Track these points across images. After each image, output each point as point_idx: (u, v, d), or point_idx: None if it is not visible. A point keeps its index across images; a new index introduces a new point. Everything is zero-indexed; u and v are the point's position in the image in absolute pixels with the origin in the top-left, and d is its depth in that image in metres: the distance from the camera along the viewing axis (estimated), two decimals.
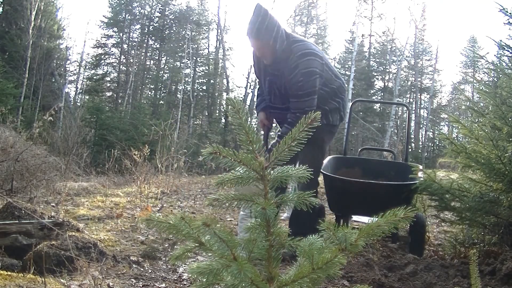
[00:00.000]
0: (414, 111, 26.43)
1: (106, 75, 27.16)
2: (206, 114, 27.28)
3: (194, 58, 26.78)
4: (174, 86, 27.42)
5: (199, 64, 28.02)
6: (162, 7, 28.56)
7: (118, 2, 26.76)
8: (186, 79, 26.30)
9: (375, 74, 28.19)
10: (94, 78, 26.48)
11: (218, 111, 27.09)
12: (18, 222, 2.61)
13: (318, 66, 2.85)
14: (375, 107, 26.61)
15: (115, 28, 26.76)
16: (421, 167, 3.47)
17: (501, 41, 3.02)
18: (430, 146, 29.13)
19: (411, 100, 28.94)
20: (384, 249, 3.09)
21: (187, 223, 1.10)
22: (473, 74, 28.50)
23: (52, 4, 21.73)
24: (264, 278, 1.06)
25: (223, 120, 23.85)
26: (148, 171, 6.22)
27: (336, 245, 1.03)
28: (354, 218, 4.02)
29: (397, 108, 24.93)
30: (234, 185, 1.10)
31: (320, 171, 3.14)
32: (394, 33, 25.94)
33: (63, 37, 23.54)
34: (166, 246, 3.09)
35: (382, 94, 27.15)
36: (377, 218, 1.06)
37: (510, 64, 3.04)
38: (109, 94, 27.16)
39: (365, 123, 23.67)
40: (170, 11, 28.66)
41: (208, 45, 29.41)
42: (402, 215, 1.04)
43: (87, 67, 26.73)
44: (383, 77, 28.23)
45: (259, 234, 1.09)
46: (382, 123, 24.47)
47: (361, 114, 24.64)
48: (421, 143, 28.69)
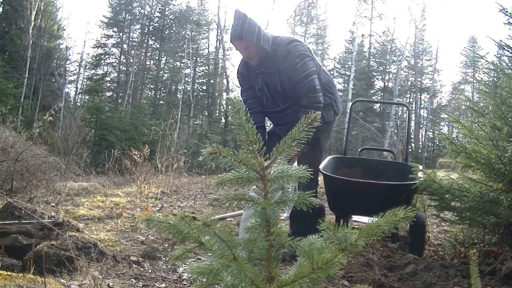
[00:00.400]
0: (414, 111, 26.43)
1: (106, 75, 27.17)
2: (206, 114, 27.29)
3: (194, 58, 26.78)
4: (174, 86, 27.42)
5: (199, 64, 28.02)
6: (162, 7, 28.56)
7: (118, 2, 26.76)
8: (186, 79, 26.31)
9: (375, 74, 28.19)
10: (94, 78, 26.49)
11: (218, 111, 27.10)
12: (18, 222, 2.61)
13: (307, 50, 2.95)
14: (375, 107, 26.61)
15: (115, 28, 26.77)
16: (421, 167, 3.47)
17: (501, 41, 3.02)
18: (430, 146, 29.13)
19: (411, 100, 28.94)
20: (384, 249, 3.09)
21: (187, 223, 1.10)
22: (473, 74, 28.50)
23: (52, 4, 21.74)
24: (264, 278, 1.06)
25: (223, 120, 23.86)
26: (148, 171, 6.22)
27: (336, 245, 1.03)
28: (354, 218, 4.02)
29: (397, 108, 24.93)
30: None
31: (319, 171, 3.14)
32: (394, 33, 25.99)
33: (63, 37, 23.57)
34: (166, 246, 3.09)
35: (382, 94, 27.15)
36: (377, 218, 1.06)
37: (510, 64, 3.04)
38: (109, 94, 27.17)
39: (365, 123, 23.67)
40: (170, 11, 28.67)
41: (208, 45, 29.45)
42: (402, 215, 1.04)
43: (87, 67, 26.77)
44: (383, 77, 28.23)
45: (259, 234, 1.09)
46: (382, 123, 24.47)
47: (361, 114, 24.64)
48: (421, 143, 28.69)
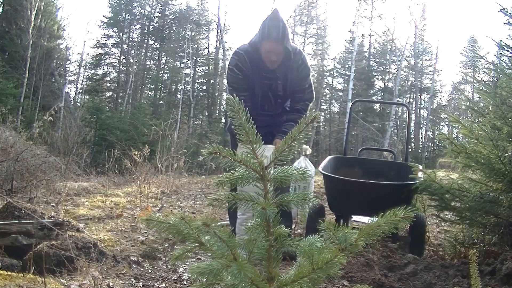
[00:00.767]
0: (414, 111, 26.43)
1: (106, 75, 27.19)
2: (206, 114, 27.28)
3: (194, 58, 26.78)
4: (174, 86, 27.42)
5: (199, 64, 28.03)
6: (162, 7, 28.57)
7: (118, 2, 26.78)
8: (186, 79, 26.31)
9: (375, 74, 28.20)
10: (94, 78, 26.51)
11: (218, 111, 27.09)
12: (18, 222, 2.61)
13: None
14: (375, 107, 26.61)
15: (115, 28, 26.79)
16: (421, 167, 3.46)
17: (501, 41, 3.02)
18: (430, 146, 29.13)
19: (411, 100, 28.93)
20: (384, 249, 3.09)
21: (187, 223, 1.10)
22: (473, 74, 28.48)
23: (52, 4, 21.75)
24: (264, 278, 1.06)
25: (223, 120, 23.83)
26: (148, 171, 6.21)
27: (336, 245, 1.03)
28: (354, 218, 4.02)
29: (397, 108, 24.93)
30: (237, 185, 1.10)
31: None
32: (394, 33, 26.00)
33: (63, 37, 23.60)
34: (166, 246, 3.09)
35: (382, 94, 27.15)
36: (377, 218, 1.06)
37: (510, 64, 3.04)
38: (109, 94, 27.19)
39: (365, 123, 23.66)
40: (170, 11, 28.68)
41: (208, 45, 29.45)
42: (402, 215, 1.04)
43: (87, 67, 26.80)
44: (383, 77, 28.24)
45: (259, 234, 1.09)
46: (382, 123, 24.48)
47: (361, 114, 24.64)
48: (421, 143, 28.69)
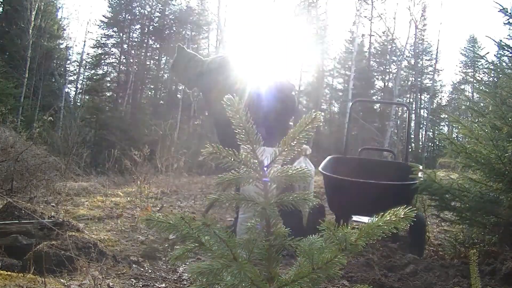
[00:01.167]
0: (414, 111, 26.41)
1: (106, 75, 27.15)
2: (206, 114, 27.25)
3: None
4: (174, 86, 27.39)
5: None
6: (162, 7, 28.55)
7: (118, 2, 26.76)
8: None
9: (375, 74, 28.18)
10: (94, 78, 26.47)
11: None
12: (18, 222, 2.61)
13: None
14: (375, 107, 26.59)
15: (115, 28, 26.76)
16: (421, 167, 3.46)
17: (501, 41, 3.02)
18: (430, 146, 29.10)
19: (411, 100, 28.90)
20: (384, 249, 3.09)
21: (187, 223, 1.10)
22: (473, 74, 28.45)
23: (52, 4, 21.75)
24: (264, 278, 1.06)
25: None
26: (148, 171, 6.21)
27: (336, 245, 1.03)
28: (354, 218, 4.02)
29: (397, 108, 24.91)
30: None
31: None
32: (394, 33, 25.95)
33: (63, 37, 23.58)
34: (166, 246, 3.08)
35: (382, 94, 27.13)
36: (377, 218, 1.06)
37: (510, 64, 3.04)
38: (109, 94, 27.14)
39: (365, 123, 23.65)
40: (170, 11, 28.66)
41: (208, 45, 29.38)
42: (402, 215, 1.04)
43: (87, 67, 26.75)
44: (383, 77, 28.22)
45: (259, 234, 1.09)
46: (382, 123, 24.46)
47: (361, 114, 24.62)
48: (421, 143, 28.65)
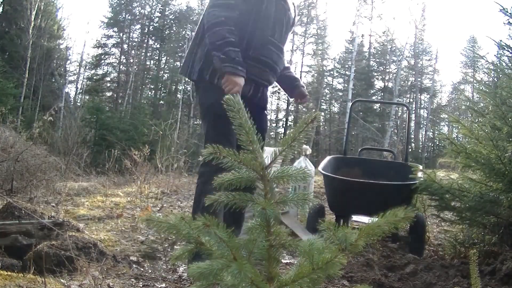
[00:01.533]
0: (414, 111, 26.42)
1: (106, 75, 27.19)
2: None
3: None
4: (174, 86, 27.41)
5: None
6: (162, 7, 28.58)
7: (118, 2, 26.80)
8: (186, 79, 26.28)
9: (375, 74, 28.21)
10: (94, 78, 26.51)
11: None
12: (18, 222, 2.61)
13: None
14: (375, 107, 26.61)
15: (115, 28, 26.80)
16: (421, 167, 3.47)
17: (501, 41, 3.02)
18: (430, 146, 29.13)
19: (411, 100, 28.92)
20: (384, 249, 3.09)
21: (187, 223, 1.10)
22: (473, 74, 28.47)
23: (52, 4, 21.76)
24: (264, 278, 1.06)
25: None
26: (148, 171, 6.21)
27: (336, 245, 1.03)
28: (354, 218, 4.02)
29: (397, 108, 24.93)
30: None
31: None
32: (394, 33, 26.01)
33: (63, 37, 23.61)
34: (166, 246, 3.08)
35: (382, 94, 27.16)
36: (377, 218, 1.06)
37: (510, 64, 3.04)
38: (109, 94, 27.19)
39: (365, 123, 23.66)
40: (170, 11, 28.70)
41: None
42: (402, 215, 1.04)
43: (87, 67, 26.80)
44: (383, 77, 28.24)
45: (259, 234, 1.09)
46: (382, 123, 24.47)
47: (361, 114, 24.65)
48: (421, 143, 28.68)
